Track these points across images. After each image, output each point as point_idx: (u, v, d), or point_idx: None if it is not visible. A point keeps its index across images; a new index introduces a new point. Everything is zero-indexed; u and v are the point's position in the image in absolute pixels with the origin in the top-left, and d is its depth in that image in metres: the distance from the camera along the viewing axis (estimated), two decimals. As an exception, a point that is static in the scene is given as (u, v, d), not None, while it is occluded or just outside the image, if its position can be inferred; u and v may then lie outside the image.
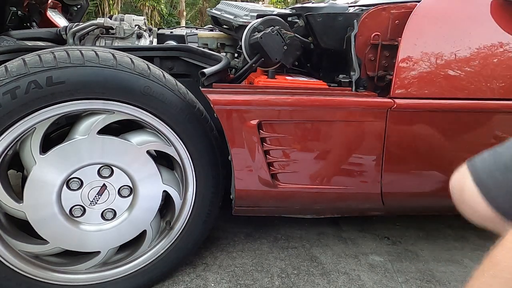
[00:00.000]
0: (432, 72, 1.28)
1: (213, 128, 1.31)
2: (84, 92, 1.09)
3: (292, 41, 1.36)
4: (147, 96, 1.15)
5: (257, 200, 1.41)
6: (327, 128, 1.31)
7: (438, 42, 1.28)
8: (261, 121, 1.25)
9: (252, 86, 1.32)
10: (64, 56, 1.08)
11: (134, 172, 1.22)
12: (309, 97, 1.26)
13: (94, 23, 1.75)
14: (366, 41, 1.32)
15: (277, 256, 1.61)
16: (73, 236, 1.21)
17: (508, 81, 1.31)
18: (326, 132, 1.31)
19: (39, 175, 1.12)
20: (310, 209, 1.59)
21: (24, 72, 1.03)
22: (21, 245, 1.19)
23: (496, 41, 1.30)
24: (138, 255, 1.34)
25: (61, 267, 1.26)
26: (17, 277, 1.17)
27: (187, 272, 1.48)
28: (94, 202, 1.21)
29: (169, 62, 1.51)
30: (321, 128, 1.30)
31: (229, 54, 1.89)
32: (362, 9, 1.36)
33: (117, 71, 1.11)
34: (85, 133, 1.14)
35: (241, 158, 1.28)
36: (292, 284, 1.44)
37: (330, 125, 1.31)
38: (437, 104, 1.30)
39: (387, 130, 1.31)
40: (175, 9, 17.64)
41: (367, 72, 1.35)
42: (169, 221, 1.36)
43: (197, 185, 1.31)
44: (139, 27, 1.88)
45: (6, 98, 1.02)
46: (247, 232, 1.79)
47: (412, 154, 1.38)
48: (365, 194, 1.44)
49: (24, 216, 1.15)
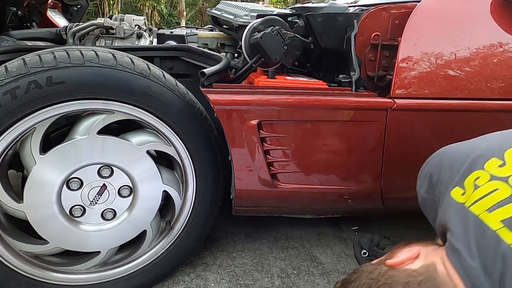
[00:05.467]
0: (432, 72, 1.28)
1: (213, 128, 1.31)
2: (84, 92, 1.09)
3: (292, 41, 1.36)
4: (147, 96, 1.15)
5: (257, 200, 1.41)
6: (327, 128, 1.31)
7: (438, 42, 1.28)
8: (261, 121, 1.25)
9: (252, 86, 1.32)
10: (64, 56, 1.08)
11: (134, 172, 1.22)
12: (309, 97, 1.26)
13: (94, 23, 1.75)
14: (366, 41, 1.32)
15: (277, 256, 1.61)
16: (73, 236, 1.21)
17: (508, 81, 1.31)
18: (326, 132, 1.31)
19: (39, 175, 1.12)
20: (310, 209, 1.59)
21: (24, 72, 1.03)
22: (21, 245, 1.19)
23: (496, 41, 1.30)
24: (138, 255, 1.34)
25: (61, 267, 1.26)
26: (17, 277, 1.17)
27: (187, 272, 1.48)
28: (94, 202, 1.21)
29: (169, 62, 1.51)
30: (321, 128, 1.30)
31: (229, 54, 1.89)
32: (362, 9, 1.36)
33: (117, 71, 1.11)
34: (85, 133, 1.14)
35: (241, 158, 1.28)
36: (292, 284, 1.44)
37: (330, 125, 1.30)
38: (437, 104, 1.30)
39: (387, 130, 1.31)
40: (175, 9, 17.64)
41: (367, 72, 1.35)
42: (169, 221, 1.36)
43: (197, 185, 1.31)
44: (139, 27, 1.88)
45: (6, 98, 1.02)
46: (247, 232, 1.79)
47: (412, 154, 1.37)
48: (365, 194, 1.44)
49: (24, 216, 1.15)
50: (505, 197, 0.75)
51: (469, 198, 0.80)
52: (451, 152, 0.95)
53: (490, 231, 0.72)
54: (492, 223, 0.73)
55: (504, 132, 0.91)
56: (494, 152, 0.82)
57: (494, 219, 0.73)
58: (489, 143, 0.87)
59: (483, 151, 0.85)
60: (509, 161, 0.79)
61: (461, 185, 0.83)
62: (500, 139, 0.87)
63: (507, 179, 0.77)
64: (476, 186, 0.80)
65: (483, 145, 0.87)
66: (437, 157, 1.00)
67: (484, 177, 0.80)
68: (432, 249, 0.85)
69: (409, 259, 0.83)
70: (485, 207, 0.76)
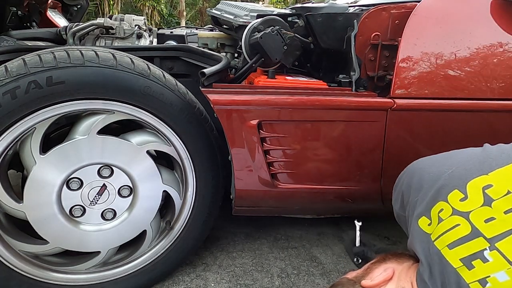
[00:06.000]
0: (432, 72, 1.28)
1: (213, 128, 1.31)
2: (84, 92, 1.09)
3: (292, 41, 1.36)
4: (147, 96, 1.15)
5: (257, 200, 1.41)
6: (327, 128, 1.31)
7: (438, 42, 1.28)
8: (261, 121, 1.25)
9: (252, 86, 1.32)
10: (64, 56, 1.08)
11: (134, 172, 1.22)
12: (309, 97, 1.26)
13: (94, 23, 1.75)
14: (366, 41, 1.32)
15: (277, 256, 1.61)
16: (73, 236, 1.21)
17: (508, 81, 1.31)
18: (326, 132, 1.31)
19: (39, 175, 1.12)
20: (310, 209, 1.59)
21: (24, 72, 1.03)
22: (21, 245, 1.19)
23: (496, 41, 1.30)
24: (138, 255, 1.34)
25: (61, 267, 1.26)
26: (17, 277, 1.17)
27: (187, 272, 1.48)
28: (94, 202, 1.21)
29: (169, 62, 1.51)
30: (321, 128, 1.30)
31: (229, 54, 1.89)
32: (362, 9, 1.36)
33: (117, 71, 1.11)
34: (85, 133, 1.14)
35: (241, 158, 1.28)
36: (292, 284, 1.44)
37: (330, 125, 1.30)
38: (437, 104, 1.30)
39: (387, 130, 1.31)
40: (175, 9, 17.65)
41: (367, 72, 1.35)
42: (169, 221, 1.36)
43: (197, 185, 1.31)
44: (139, 27, 1.88)
45: (6, 98, 1.02)
46: (247, 232, 1.79)
47: (412, 154, 1.37)
48: (365, 194, 1.44)
49: (24, 216, 1.15)
50: (464, 235, 0.76)
51: (435, 231, 0.81)
52: (420, 172, 0.95)
53: (451, 267, 0.74)
54: (452, 260, 0.75)
55: (469, 156, 0.90)
56: (457, 183, 0.83)
57: (454, 256, 0.75)
58: (454, 170, 0.87)
59: (447, 180, 0.85)
60: (470, 194, 0.80)
61: (428, 215, 0.85)
62: (464, 166, 0.87)
63: (468, 215, 0.78)
64: (440, 219, 0.81)
65: (448, 172, 0.87)
66: (408, 174, 1.01)
67: (447, 210, 0.81)
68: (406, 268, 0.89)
69: (383, 282, 0.87)
70: (446, 243, 0.77)
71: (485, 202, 0.78)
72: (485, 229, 0.75)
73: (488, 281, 0.70)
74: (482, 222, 0.76)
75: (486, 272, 0.71)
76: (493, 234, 0.73)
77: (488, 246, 0.73)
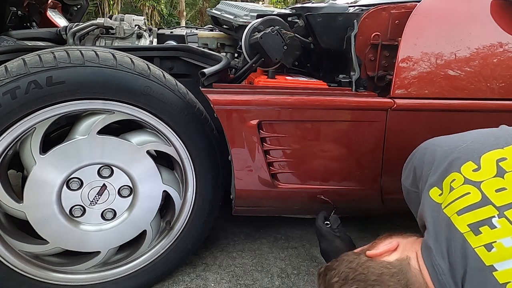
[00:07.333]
0: (432, 72, 1.28)
1: (213, 128, 1.31)
2: (84, 92, 1.09)
3: (292, 41, 1.36)
4: (147, 96, 1.15)
5: (257, 200, 1.41)
6: (327, 128, 1.31)
7: (438, 42, 1.28)
8: (261, 121, 1.25)
9: (252, 86, 1.32)
10: (64, 56, 1.08)
11: (134, 172, 1.22)
12: (309, 97, 1.26)
13: (94, 23, 1.75)
14: (366, 41, 1.32)
15: (277, 256, 1.61)
16: (73, 236, 1.22)
17: (508, 81, 1.31)
18: (326, 132, 1.31)
19: (39, 175, 1.12)
20: (310, 209, 1.58)
21: (24, 72, 1.03)
22: (21, 245, 1.19)
23: (496, 41, 1.30)
24: (138, 255, 1.34)
25: (61, 267, 1.26)
26: (17, 277, 1.17)
27: (187, 272, 1.48)
28: (94, 202, 1.21)
29: (169, 62, 1.51)
30: (321, 128, 1.30)
31: (229, 54, 1.88)
32: (362, 9, 1.36)
33: (117, 71, 1.11)
34: (85, 133, 1.14)
35: (241, 158, 1.28)
36: (292, 284, 1.44)
37: (330, 125, 1.30)
38: (437, 104, 1.30)
39: (387, 130, 1.31)
40: (175, 9, 17.63)
41: (367, 72, 1.35)
42: (169, 221, 1.36)
43: (197, 185, 1.31)
44: (139, 27, 1.88)
45: (6, 98, 1.02)
46: (247, 232, 1.79)
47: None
48: (365, 194, 1.44)
49: (24, 216, 1.15)
50: (474, 202, 0.77)
51: (445, 200, 0.82)
52: (434, 148, 0.97)
53: (458, 232, 0.75)
54: (460, 226, 0.76)
55: (484, 133, 0.92)
56: (471, 155, 0.84)
57: (462, 222, 0.76)
58: (468, 144, 0.88)
59: (461, 153, 0.87)
60: (483, 166, 0.81)
61: (439, 186, 0.86)
62: (479, 141, 0.88)
63: (479, 185, 0.79)
64: (451, 188, 0.82)
65: (463, 145, 0.88)
66: (421, 151, 1.02)
67: (459, 180, 0.82)
68: (411, 242, 0.90)
69: (387, 251, 0.87)
70: (455, 210, 0.78)
71: (498, 173, 0.79)
72: (495, 198, 0.76)
73: (494, 246, 0.70)
74: (493, 192, 0.77)
75: (492, 238, 0.72)
76: (503, 203, 0.75)
77: (497, 214, 0.74)
